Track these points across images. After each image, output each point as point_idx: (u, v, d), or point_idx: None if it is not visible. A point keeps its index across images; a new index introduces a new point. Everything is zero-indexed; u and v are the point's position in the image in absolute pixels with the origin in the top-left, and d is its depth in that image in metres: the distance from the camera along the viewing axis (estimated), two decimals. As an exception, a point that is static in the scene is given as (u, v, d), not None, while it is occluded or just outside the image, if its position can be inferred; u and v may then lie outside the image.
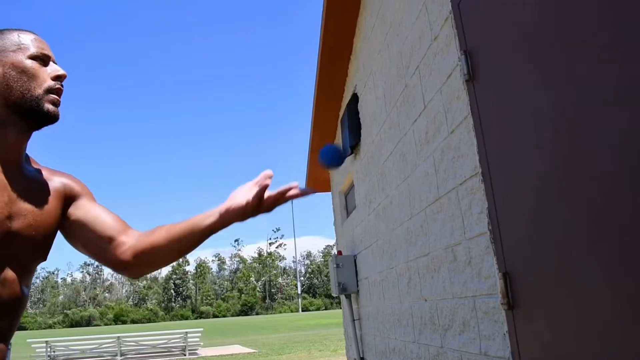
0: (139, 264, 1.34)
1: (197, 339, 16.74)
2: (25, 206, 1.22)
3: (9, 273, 1.18)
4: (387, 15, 3.78)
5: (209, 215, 1.30)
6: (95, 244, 1.35)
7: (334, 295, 6.04)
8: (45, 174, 1.34)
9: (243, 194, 1.29)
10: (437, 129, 2.78)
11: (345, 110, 5.44)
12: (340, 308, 7.61)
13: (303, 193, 1.29)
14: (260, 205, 1.26)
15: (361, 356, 5.65)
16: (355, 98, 5.14)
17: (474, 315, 2.44)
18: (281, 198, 1.27)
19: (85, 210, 1.37)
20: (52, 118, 1.23)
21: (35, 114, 1.21)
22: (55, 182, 1.35)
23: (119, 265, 1.35)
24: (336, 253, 6.46)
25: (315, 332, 24.40)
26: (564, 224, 1.66)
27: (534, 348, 1.92)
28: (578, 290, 1.62)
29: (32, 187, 1.26)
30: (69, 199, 1.37)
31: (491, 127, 2.14)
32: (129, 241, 1.35)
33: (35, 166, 1.34)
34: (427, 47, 2.88)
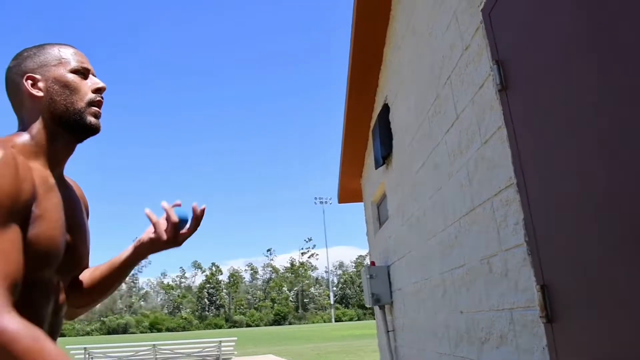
0: (75, 302, 1.40)
1: (231, 348, 16.82)
2: (74, 220, 1.25)
3: (62, 283, 1.22)
4: (417, 26, 3.77)
5: (125, 251, 1.41)
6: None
7: (368, 306, 6.00)
8: (72, 183, 1.38)
9: (151, 230, 1.40)
10: (470, 140, 2.75)
11: (377, 121, 5.43)
12: (374, 319, 7.56)
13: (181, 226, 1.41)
14: (165, 238, 1.39)
15: (396, 368, 5.60)
16: (386, 108, 5.13)
17: (512, 328, 2.40)
18: (174, 233, 1.40)
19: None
20: (94, 130, 1.25)
21: (78, 127, 1.23)
22: (79, 193, 1.40)
23: (76, 308, 1.42)
24: (369, 264, 6.43)
25: (349, 343, 24.27)
26: (606, 236, 1.62)
27: (575, 363, 1.88)
28: (620, 304, 1.58)
29: (73, 199, 1.30)
30: (86, 212, 1.42)
31: (526, 137, 2.11)
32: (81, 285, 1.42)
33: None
34: (458, 57, 2.86)
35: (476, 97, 2.62)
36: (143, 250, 1.40)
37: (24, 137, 1.19)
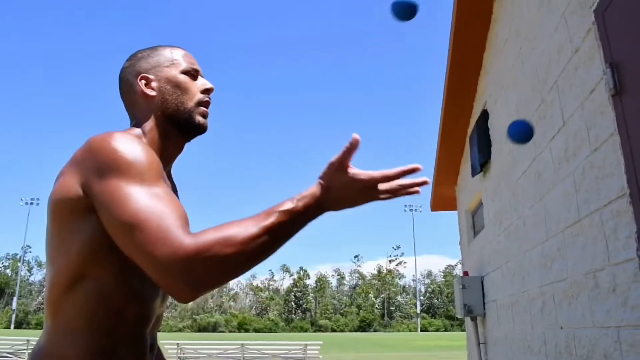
0: None
1: (316, 352, 16.97)
2: None
3: None
4: (521, 29, 3.65)
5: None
6: None
7: (459, 316, 5.86)
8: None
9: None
10: (578, 147, 2.63)
11: (475, 127, 5.31)
12: (461, 330, 7.38)
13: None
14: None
15: (487, 382, 5.43)
16: (485, 114, 5.00)
17: (618, 347, 2.26)
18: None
19: None
20: (202, 129, 1.30)
21: (188, 126, 1.27)
22: None
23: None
24: (462, 274, 6.28)
25: (435, 354, 23.77)
26: None
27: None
28: None
29: (177, 194, 1.35)
30: None
31: (642, 144, 1.98)
32: None
33: None
34: (567, 61, 2.74)
35: (586, 102, 2.50)
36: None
37: (137, 132, 1.24)
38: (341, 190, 1.08)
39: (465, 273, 6.18)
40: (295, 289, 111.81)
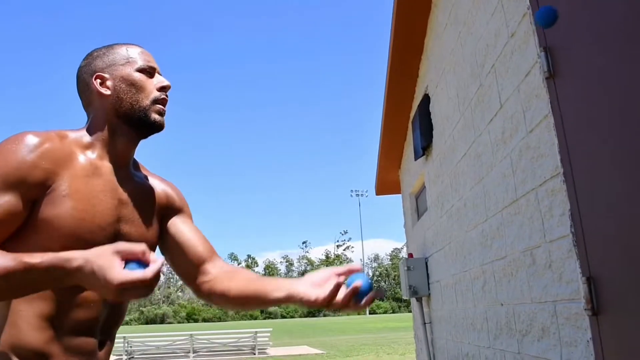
0: (211, 300, 1.42)
1: (267, 339, 17.02)
2: (133, 211, 1.29)
3: None
4: (459, 14, 3.72)
5: (278, 289, 1.24)
6: (183, 267, 1.42)
7: (405, 298, 5.98)
8: (150, 180, 1.42)
9: (317, 286, 1.20)
10: (515, 129, 2.71)
11: (417, 112, 5.39)
12: (409, 311, 7.53)
13: (366, 302, 1.21)
14: (329, 304, 1.17)
15: (432, 360, 5.57)
16: (426, 99, 5.09)
17: (555, 320, 2.36)
18: (349, 305, 1.19)
19: (181, 228, 1.43)
20: (158, 127, 1.30)
21: (143, 124, 1.28)
22: (159, 190, 1.43)
23: (198, 294, 1.44)
24: (407, 256, 6.40)
25: (383, 336, 24.24)
26: (656, 226, 1.57)
27: (621, 356, 1.83)
28: (672, 297, 1.53)
29: (139, 192, 1.33)
30: (169, 210, 1.44)
31: (574, 126, 2.06)
32: (212, 273, 1.41)
33: (143, 172, 1.43)
34: (503, 45, 2.81)
35: (522, 85, 2.57)
36: (297, 302, 1.22)
37: (81, 132, 1.27)
38: (95, 270, 0.99)
39: (410, 255, 6.30)
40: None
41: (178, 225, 1.43)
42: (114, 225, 1.22)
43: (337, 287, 1.15)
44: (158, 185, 1.43)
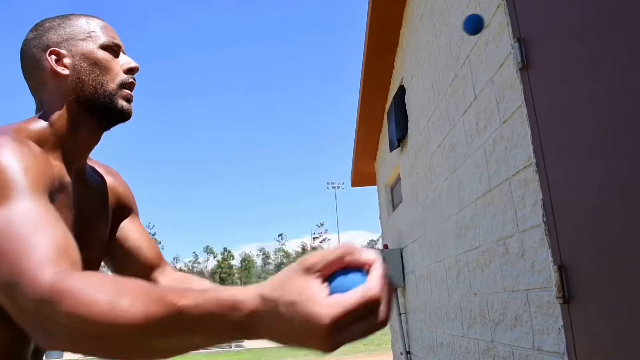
0: None
1: (243, 331, 16.99)
2: (89, 218, 1.13)
3: None
4: (435, 5, 3.72)
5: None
6: (130, 275, 1.15)
7: (380, 289, 6.01)
8: (100, 173, 1.23)
9: None
10: (489, 120, 2.73)
11: (392, 103, 5.40)
12: (386, 302, 7.55)
13: None
14: None
15: (407, 350, 5.62)
16: (402, 90, 5.10)
17: (527, 309, 2.39)
18: None
19: (132, 232, 1.26)
20: (125, 115, 1.10)
21: (108, 112, 1.08)
22: (110, 187, 1.23)
23: None
24: (382, 247, 6.43)
25: (359, 327, 24.36)
26: (627, 217, 1.60)
27: (591, 343, 1.87)
28: (640, 284, 1.56)
29: (93, 195, 1.16)
30: (120, 210, 1.26)
31: (547, 116, 2.08)
32: (162, 282, 1.25)
33: (90, 163, 1.21)
34: (477, 36, 2.82)
35: (496, 77, 2.59)
36: None
37: (41, 124, 1.03)
38: (285, 312, 0.60)
39: (385, 246, 6.33)
40: (220, 270, 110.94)
41: (128, 228, 1.26)
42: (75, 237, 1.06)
43: None
44: (108, 181, 1.23)
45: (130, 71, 1.11)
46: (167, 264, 1.30)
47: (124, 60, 1.12)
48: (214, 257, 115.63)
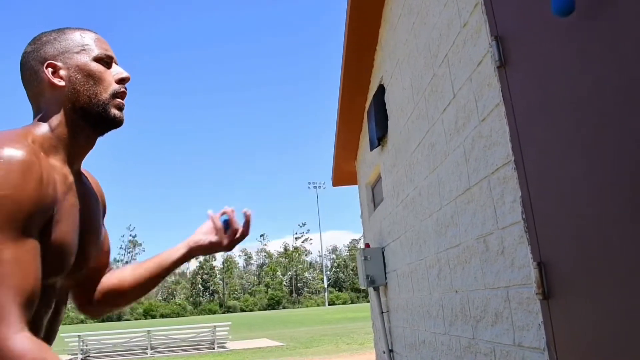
0: (103, 305, 1.36)
1: (226, 333, 16.91)
2: (89, 220, 1.21)
3: (66, 285, 1.18)
4: (413, 4, 3.73)
5: (176, 250, 1.42)
6: (90, 274, 1.32)
7: (362, 287, 6.02)
8: (87, 178, 1.32)
9: (207, 234, 1.45)
10: (468, 118, 2.74)
11: (372, 102, 5.41)
12: (367, 302, 7.59)
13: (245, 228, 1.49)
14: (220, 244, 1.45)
15: (390, 348, 5.63)
16: (381, 89, 5.11)
17: (507, 306, 2.41)
18: (236, 237, 1.47)
19: (104, 235, 1.36)
20: (118, 123, 1.20)
21: (102, 120, 1.17)
22: (97, 191, 1.34)
23: (84, 307, 1.37)
24: (364, 246, 6.44)
25: (343, 326, 24.42)
26: (605, 213, 1.61)
27: (571, 338, 1.88)
28: (618, 280, 1.58)
29: (89, 196, 1.24)
30: (103, 213, 1.37)
31: (525, 114, 2.09)
32: (102, 281, 1.38)
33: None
34: (456, 35, 2.83)
35: (474, 75, 2.60)
36: (198, 252, 1.43)
37: (44, 129, 1.12)
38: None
39: (367, 245, 6.34)
40: (202, 271, 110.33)
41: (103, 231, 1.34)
42: (76, 239, 1.13)
43: (220, 230, 1.44)
44: (95, 185, 1.33)
45: (122, 81, 1.21)
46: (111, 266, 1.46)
47: (116, 71, 1.22)
48: (196, 259, 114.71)
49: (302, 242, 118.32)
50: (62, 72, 1.15)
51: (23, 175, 0.95)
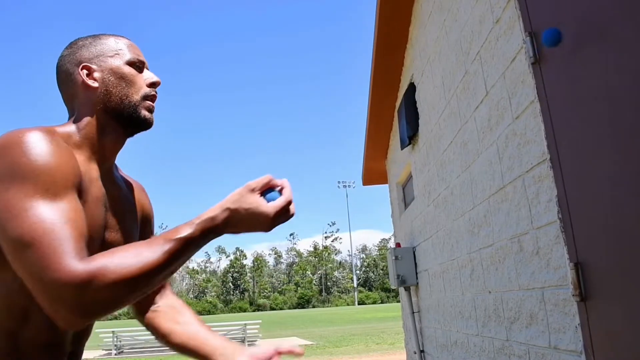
0: (150, 332, 1.40)
1: (256, 331, 17.02)
2: (118, 219, 1.23)
3: None
4: (444, 2, 3.69)
5: (220, 355, 1.28)
6: None
7: (393, 287, 5.99)
8: (129, 182, 1.36)
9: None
10: (501, 116, 2.69)
11: (402, 101, 5.37)
12: (397, 301, 7.56)
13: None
14: None
15: (421, 349, 5.59)
16: (412, 88, 5.07)
17: (542, 307, 2.36)
18: None
19: None
20: (147, 124, 1.24)
21: (132, 121, 1.22)
22: (137, 195, 1.37)
23: (139, 317, 1.41)
24: (394, 245, 6.40)
25: (372, 326, 24.33)
26: (644, 210, 1.56)
27: (610, 342, 1.83)
28: (660, 281, 1.53)
29: (122, 198, 1.28)
30: (144, 223, 1.40)
31: (560, 111, 2.04)
32: (159, 304, 1.43)
33: (120, 173, 1.35)
34: (488, 31, 2.79)
35: (507, 72, 2.55)
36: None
37: (70, 128, 1.17)
38: (245, 214, 1.07)
39: (398, 245, 6.30)
40: (232, 269, 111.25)
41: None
42: (102, 233, 1.16)
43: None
44: (137, 193, 1.37)
45: (153, 85, 1.26)
46: (168, 285, 1.47)
47: (147, 76, 1.26)
48: (226, 257, 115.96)
49: (332, 241, 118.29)
50: (96, 74, 1.20)
51: (54, 149, 1.02)
